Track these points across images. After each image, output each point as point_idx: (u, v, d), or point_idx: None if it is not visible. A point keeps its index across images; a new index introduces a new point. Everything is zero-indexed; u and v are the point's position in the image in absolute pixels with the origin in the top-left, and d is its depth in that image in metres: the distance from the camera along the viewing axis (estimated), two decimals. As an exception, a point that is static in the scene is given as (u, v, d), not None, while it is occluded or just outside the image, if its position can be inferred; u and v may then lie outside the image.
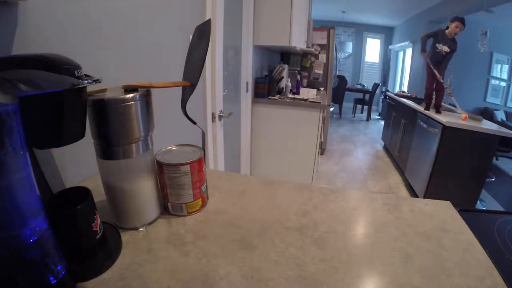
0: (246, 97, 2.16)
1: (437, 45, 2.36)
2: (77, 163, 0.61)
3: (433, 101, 2.57)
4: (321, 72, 3.65)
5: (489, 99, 4.98)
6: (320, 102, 2.28)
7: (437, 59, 2.37)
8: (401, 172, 3.19)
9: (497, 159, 2.59)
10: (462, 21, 2.25)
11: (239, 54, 1.95)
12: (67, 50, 0.59)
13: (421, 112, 2.69)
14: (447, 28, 2.33)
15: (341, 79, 6.03)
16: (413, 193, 2.73)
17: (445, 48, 2.30)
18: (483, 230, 0.56)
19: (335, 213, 0.57)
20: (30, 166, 0.30)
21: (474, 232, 0.52)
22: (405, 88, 5.68)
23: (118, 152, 0.45)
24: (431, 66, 2.38)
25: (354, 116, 6.61)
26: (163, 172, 0.52)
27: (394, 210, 0.59)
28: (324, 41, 3.57)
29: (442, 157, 2.29)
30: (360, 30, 7.08)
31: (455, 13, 2.36)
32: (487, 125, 2.28)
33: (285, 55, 3.60)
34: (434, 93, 2.54)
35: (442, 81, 2.33)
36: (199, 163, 0.53)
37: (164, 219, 0.54)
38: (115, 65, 0.75)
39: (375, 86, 6.36)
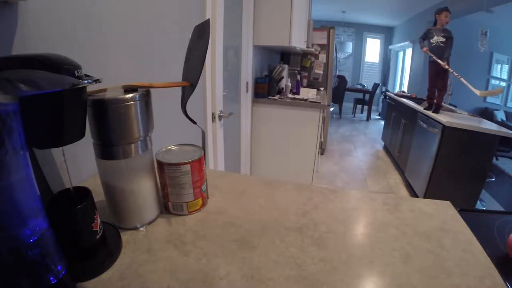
0: (246, 97, 2.16)
1: (431, 40, 2.39)
2: (77, 163, 0.61)
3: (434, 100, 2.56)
4: (321, 72, 3.65)
5: (489, 99, 4.98)
6: (320, 102, 2.28)
7: (437, 53, 2.37)
8: (401, 172, 3.20)
9: (497, 159, 2.60)
10: (448, 9, 2.33)
11: (239, 54, 1.95)
12: (67, 50, 0.59)
13: (421, 112, 2.69)
14: (435, 23, 2.40)
15: (341, 79, 6.03)
16: (413, 193, 2.73)
17: (440, 39, 2.32)
18: (483, 230, 0.56)
19: (335, 213, 0.57)
20: (30, 166, 0.30)
21: (474, 232, 0.52)
22: (405, 88, 5.68)
23: (118, 152, 0.45)
24: (434, 57, 2.36)
25: (354, 116, 6.62)
26: (163, 171, 0.52)
27: (394, 210, 0.59)
28: (324, 41, 3.57)
29: (442, 157, 2.29)
30: (360, 30, 7.08)
31: (455, 13, 2.36)
32: (487, 125, 2.28)
33: (285, 55, 3.60)
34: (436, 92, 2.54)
35: (447, 67, 2.30)
36: (200, 163, 0.53)
37: (164, 218, 0.54)
38: (115, 65, 0.75)
39: (375, 86, 6.36)
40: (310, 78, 3.69)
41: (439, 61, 2.32)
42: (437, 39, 2.35)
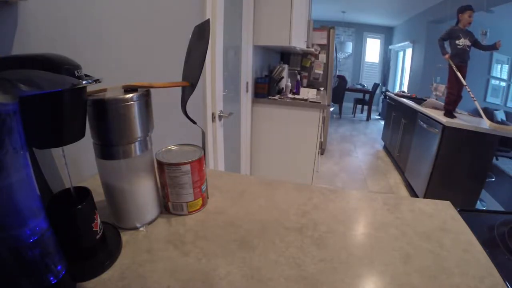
0: (246, 97, 2.16)
1: (457, 42, 2.18)
2: (77, 163, 0.61)
3: (454, 107, 2.38)
4: (321, 72, 3.65)
5: (489, 99, 4.98)
6: (320, 102, 2.28)
7: (463, 58, 2.18)
8: (401, 172, 3.19)
9: (497, 159, 2.59)
10: (472, 8, 2.13)
11: (239, 54, 1.95)
12: (67, 50, 0.59)
13: (421, 112, 2.69)
14: (457, 22, 2.20)
15: (341, 79, 6.03)
16: (413, 193, 2.73)
17: (467, 42, 2.12)
18: (483, 230, 0.56)
19: (335, 213, 0.57)
20: (30, 166, 0.30)
21: (474, 232, 0.52)
22: (405, 88, 5.68)
23: (118, 152, 0.45)
24: (455, 68, 2.18)
25: (354, 116, 6.62)
26: (163, 171, 0.52)
27: (394, 210, 0.59)
28: (324, 41, 3.57)
29: (442, 157, 2.29)
30: (360, 30, 7.08)
31: (455, 13, 2.31)
32: (487, 125, 2.28)
33: (285, 55, 3.60)
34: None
35: (468, 89, 2.13)
36: (200, 163, 0.53)
37: (164, 218, 0.54)
38: (115, 65, 0.75)
39: (375, 86, 6.36)
40: (310, 78, 3.69)
41: (462, 79, 2.12)
42: (464, 41, 2.14)
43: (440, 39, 2.31)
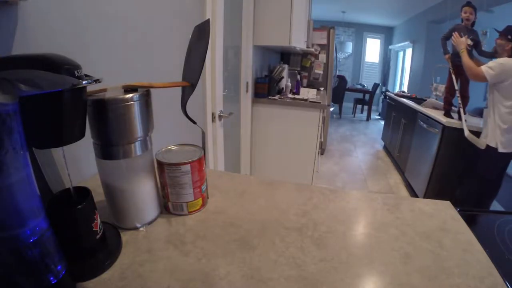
0: (246, 97, 2.16)
1: None
2: (77, 163, 0.61)
3: (451, 107, 2.36)
4: (321, 72, 3.65)
5: (489, 99, 4.98)
6: (320, 102, 2.28)
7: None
8: (401, 172, 3.19)
9: (497, 159, 2.58)
10: (469, 4, 2.04)
11: (239, 54, 1.95)
12: (67, 50, 0.59)
13: (421, 112, 2.69)
14: (462, 21, 2.13)
15: (341, 79, 6.03)
16: (413, 193, 2.73)
17: (469, 41, 2.02)
18: (483, 230, 0.56)
19: (335, 213, 0.57)
20: (30, 166, 0.30)
21: (474, 232, 0.52)
22: (405, 88, 5.68)
23: (118, 152, 0.45)
24: (451, 69, 2.16)
25: (354, 116, 6.61)
26: (163, 171, 0.52)
27: (394, 210, 0.59)
28: (324, 41, 3.57)
29: (442, 157, 2.28)
30: (360, 30, 7.08)
31: (455, 13, 2.30)
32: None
33: (285, 55, 3.60)
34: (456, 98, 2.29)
35: (458, 95, 2.11)
36: (200, 163, 0.53)
37: (164, 218, 0.54)
38: (115, 65, 0.75)
39: (375, 86, 6.36)
40: (310, 78, 3.69)
41: (455, 83, 2.11)
42: (465, 41, 2.04)
43: (442, 38, 2.26)
